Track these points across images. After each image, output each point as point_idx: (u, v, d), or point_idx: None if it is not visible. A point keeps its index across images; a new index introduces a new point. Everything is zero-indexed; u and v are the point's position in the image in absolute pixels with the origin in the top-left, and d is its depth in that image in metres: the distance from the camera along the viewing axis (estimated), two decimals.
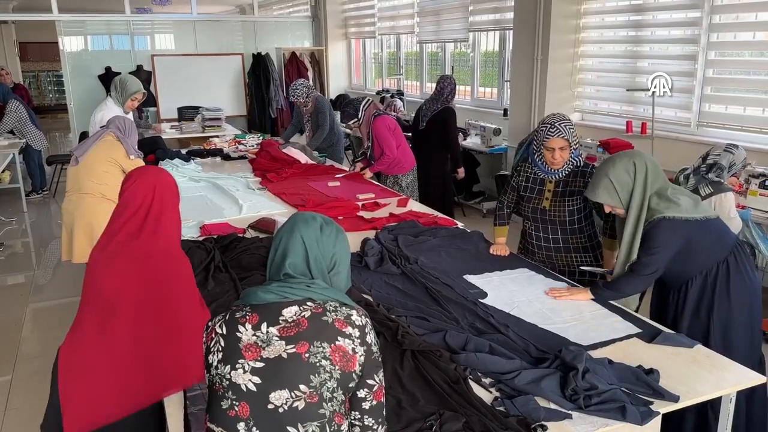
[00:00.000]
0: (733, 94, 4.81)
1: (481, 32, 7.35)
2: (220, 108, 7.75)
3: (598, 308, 2.47)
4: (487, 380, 1.93)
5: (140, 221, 1.98)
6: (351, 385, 1.37)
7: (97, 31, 9.35)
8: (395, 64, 9.41)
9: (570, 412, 1.77)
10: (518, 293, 2.61)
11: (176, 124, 7.82)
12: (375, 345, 1.41)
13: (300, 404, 1.32)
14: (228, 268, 2.79)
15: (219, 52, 9.66)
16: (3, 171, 7.22)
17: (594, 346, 2.13)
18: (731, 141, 3.54)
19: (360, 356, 1.36)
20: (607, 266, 2.88)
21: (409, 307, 2.47)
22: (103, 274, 1.93)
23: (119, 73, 7.33)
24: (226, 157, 5.64)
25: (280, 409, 1.32)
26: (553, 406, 1.79)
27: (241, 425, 1.33)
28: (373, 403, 1.40)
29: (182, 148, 6.12)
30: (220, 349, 1.37)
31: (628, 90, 5.38)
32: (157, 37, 9.69)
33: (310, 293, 1.40)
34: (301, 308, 1.38)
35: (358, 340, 1.37)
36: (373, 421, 1.40)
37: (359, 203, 3.99)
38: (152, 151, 5.23)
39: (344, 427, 1.37)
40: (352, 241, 1.94)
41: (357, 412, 1.39)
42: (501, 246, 3.11)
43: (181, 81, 9.17)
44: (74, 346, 1.90)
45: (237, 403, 1.34)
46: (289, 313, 1.37)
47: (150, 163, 4.44)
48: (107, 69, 9.06)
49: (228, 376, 1.35)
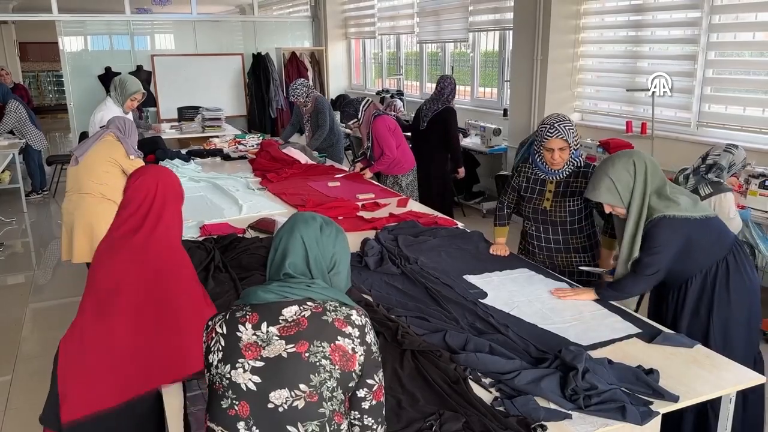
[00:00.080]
0: (733, 94, 4.81)
1: (480, 32, 7.35)
2: (220, 108, 7.76)
3: (597, 308, 2.47)
4: (487, 380, 1.93)
5: (142, 217, 2.02)
6: (351, 384, 1.37)
7: (97, 31, 9.34)
8: (395, 65, 9.40)
9: (570, 412, 1.77)
10: (518, 293, 2.61)
11: (176, 124, 7.83)
12: (375, 345, 1.41)
13: (300, 403, 1.32)
14: (228, 268, 2.80)
15: (219, 52, 9.66)
16: (3, 171, 7.22)
17: (594, 346, 2.14)
18: (731, 141, 3.55)
19: (360, 356, 1.37)
20: (603, 265, 2.89)
21: (409, 307, 2.47)
22: (104, 266, 1.98)
23: (119, 73, 7.32)
24: (226, 158, 5.64)
25: (280, 409, 1.32)
26: (552, 406, 1.79)
27: (241, 424, 1.33)
28: (373, 402, 1.40)
29: (182, 148, 6.12)
30: (220, 348, 1.37)
31: (628, 90, 5.38)
32: (157, 37, 9.69)
33: (310, 293, 1.40)
34: (301, 308, 1.38)
35: (358, 340, 1.37)
36: (372, 421, 1.41)
37: (359, 203, 3.98)
38: (152, 151, 5.23)
39: (344, 426, 1.37)
40: (352, 241, 1.95)
41: (357, 412, 1.40)
42: (501, 246, 3.11)
43: (181, 81, 9.17)
44: (74, 332, 1.94)
45: (237, 403, 1.34)
46: (289, 312, 1.37)
47: (150, 163, 4.43)
48: (107, 69, 9.06)
49: (228, 376, 1.35)
